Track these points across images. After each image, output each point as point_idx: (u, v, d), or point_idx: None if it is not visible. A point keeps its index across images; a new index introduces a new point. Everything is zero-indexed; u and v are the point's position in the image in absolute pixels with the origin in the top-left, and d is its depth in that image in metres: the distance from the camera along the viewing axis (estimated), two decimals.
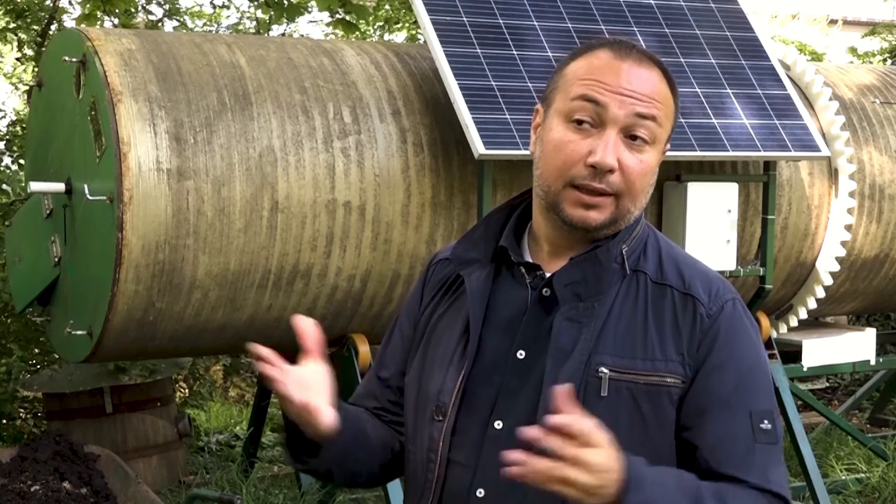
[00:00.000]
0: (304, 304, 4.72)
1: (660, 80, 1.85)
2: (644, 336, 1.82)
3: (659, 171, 1.95)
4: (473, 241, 1.96)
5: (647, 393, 1.80)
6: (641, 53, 1.86)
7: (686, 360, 1.81)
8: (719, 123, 5.09)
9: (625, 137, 1.81)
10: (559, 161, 1.82)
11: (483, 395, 1.84)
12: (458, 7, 4.95)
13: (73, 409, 6.04)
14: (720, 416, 1.80)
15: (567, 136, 1.81)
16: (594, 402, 1.78)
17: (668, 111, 1.86)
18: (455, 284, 1.96)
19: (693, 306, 1.84)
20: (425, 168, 4.80)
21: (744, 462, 1.80)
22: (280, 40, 5.33)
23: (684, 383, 1.81)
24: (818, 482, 5.59)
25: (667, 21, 5.38)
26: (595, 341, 1.81)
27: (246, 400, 8.47)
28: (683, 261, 1.92)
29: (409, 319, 2.03)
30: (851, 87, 6.27)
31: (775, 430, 1.83)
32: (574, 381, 1.77)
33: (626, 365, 1.80)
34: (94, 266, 4.47)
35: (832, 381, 8.92)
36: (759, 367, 1.86)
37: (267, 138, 4.54)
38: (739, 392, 1.82)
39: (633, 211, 1.84)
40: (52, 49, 5.12)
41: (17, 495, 4.61)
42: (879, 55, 11.60)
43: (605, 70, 1.82)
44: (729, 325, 1.84)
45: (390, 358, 2.05)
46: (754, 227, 5.55)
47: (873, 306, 6.82)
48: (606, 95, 1.80)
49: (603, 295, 1.84)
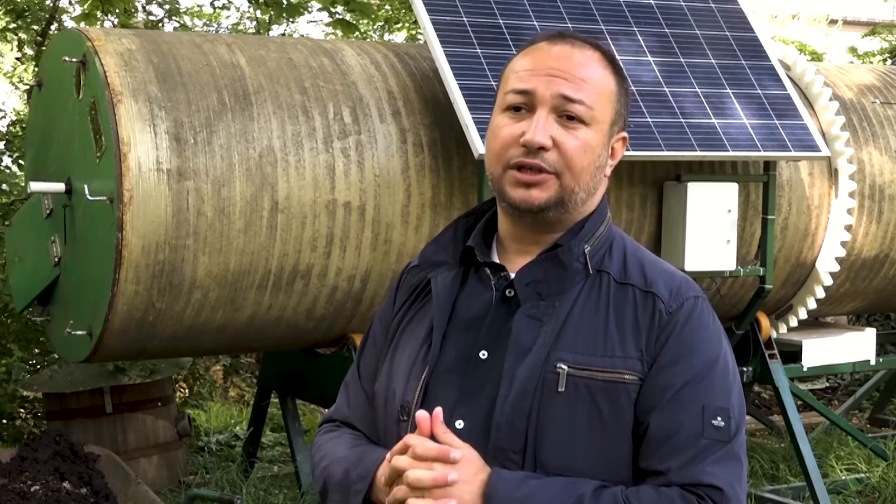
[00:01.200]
0: (304, 305, 4.72)
1: (595, 63, 1.86)
2: (605, 334, 1.82)
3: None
4: (442, 244, 1.98)
5: (605, 390, 1.79)
6: (578, 39, 1.89)
7: (644, 356, 1.81)
8: (719, 123, 5.09)
9: (559, 117, 1.82)
10: (496, 146, 1.85)
11: (445, 394, 1.84)
12: (458, 7, 4.95)
13: (73, 409, 6.04)
14: (669, 410, 1.79)
15: (502, 123, 1.85)
16: (551, 398, 1.78)
17: (604, 93, 1.86)
18: (424, 289, 1.97)
19: (653, 303, 1.84)
20: (425, 168, 4.80)
21: (679, 455, 1.77)
22: (280, 40, 5.33)
23: (642, 380, 1.80)
24: (818, 482, 5.59)
25: (667, 21, 5.38)
26: (555, 339, 1.81)
27: (246, 400, 8.47)
28: (648, 262, 1.92)
29: (382, 327, 2.03)
30: (851, 87, 6.27)
31: (729, 429, 1.80)
32: (531, 379, 1.79)
33: (584, 362, 1.80)
34: (94, 266, 4.47)
35: (832, 381, 8.92)
36: (718, 363, 1.84)
37: (267, 138, 4.54)
38: (692, 386, 1.80)
39: (577, 191, 1.84)
40: (52, 49, 5.12)
41: (18, 495, 4.61)
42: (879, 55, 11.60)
43: (536, 57, 1.86)
44: (686, 320, 1.83)
45: (366, 366, 2.04)
46: (754, 227, 5.55)
47: (873, 306, 6.82)
48: (534, 80, 1.83)
49: (564, 294, 1.85)
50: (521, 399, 1.78)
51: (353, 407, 2.04)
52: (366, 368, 2.04)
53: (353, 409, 2.04)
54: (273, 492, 5.74)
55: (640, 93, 5.01)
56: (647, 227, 5.26)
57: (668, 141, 4.88)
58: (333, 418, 2.08)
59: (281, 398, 5.81)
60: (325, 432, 2.06)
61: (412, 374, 1.88)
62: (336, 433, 2.03)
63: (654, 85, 5.09)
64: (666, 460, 1.78)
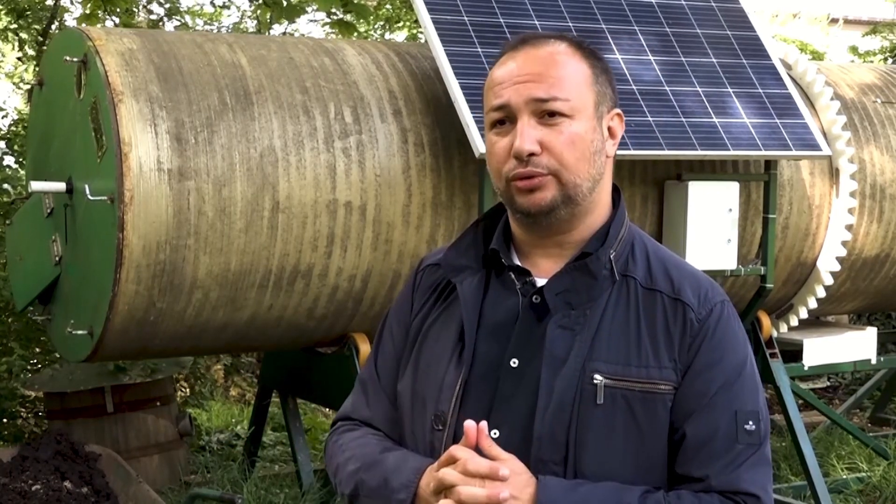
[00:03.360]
0: (305, 305, 4.72)
1: (560, 55, 1.87)
2: (637, 342, 1.83)
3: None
4: (462, 247, 1.98)
5: (642, 400, 1.81)
6: (539, 38, 1.90)
7: (678, 365, 1.83)
8: (720, 122, 5.09)
9: (540, 119, 1.84)
10: (494, 164, 1.88)
11: (479, 402, 1.85)
12: (458, 6, 4.95)
13: (74, 409, 6.04)
14: (703, 417, 1.82)
15: (493, 140, 1.88)
16: (590, 409, 1.80)
17: (578, 80, 1.86)
18: (446, 290, 1.97)
19: (683, 311, 1.86)
20: (426, 168, 4.80)
21: (717, 462, 1.81)
22: (281, 40, 5.33)
23: (676, 388, 1.83)
24: (819, 481, 5.59)
25: (668, 20, 5.38)
26: (589, 349, 1.82)
27: (247, 399, 8.47)
28: (672, 263, 1.93)
29: (401, 325, 2.02)
30: (853, 87, 6.27)
31: (759, 432, 1.84)
32: (569, 389, 1.80)
33: (620, 372, 1.81)
34: (95, 266, 4.47)
35: (833, 381, 8.92)
36: (746, 367, 1.87)
37: (268, 138, 4.54)
38: (725, 392, 1.83)
39: (579, 183, 1.84)
40: (53, 48, 5.12)
41: (18, 494, 4.61)
42: (880, 54, 11.59)
43: (504, 69, 1.88)
44: (717, 327, 1.86)
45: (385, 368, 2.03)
46: (755, 226, 5.55)
47: (874, 306, 6.82)
48: (505, 93, 1.85)
49: (594, 302, 1.85)
50: (560, 411, 1.80)
51: (374, 407, 2.02)
52: (385, 368, 2.03)
53: (373, 410, 2.02)
54: (274, 491, 5.75)
55: (641, 92, 5.00)
56: (649, 227, 5.26)
57: (669, 140, 4.88)
58: (351, 417, 2.06)
59: (282, 397, 5.81)
60: (345, 431, 2.04)
61: (445, 382, 1.88)
62: (358, 433, 2.01)
63: (655, 84, 5.09)
64: (703, 467, 1.81)
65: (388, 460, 1.90)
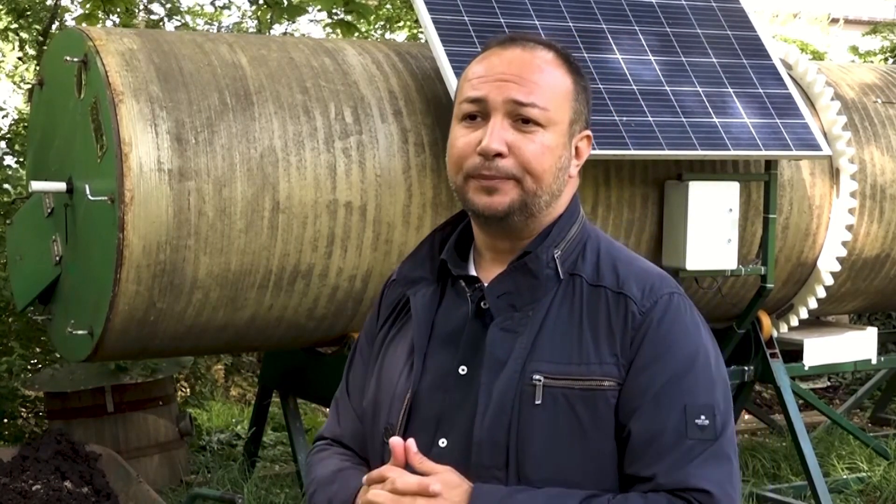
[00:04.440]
0: (305, 305, 4.72)
1: (547, 64, 1.83)
2: (579, 340, 1.78)
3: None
4: (418, 259, 1.95)
5: (583, 398, 1.75)
6: (530, 41, 1.85)
7: (620, 360, 1.77)
8: (720, 122, 5.09)
9: (514, 122, 1.79)
10: (455, 156, 1.84)
11: (428, 413, 1.82)
12: (458, 6, 4.95)
13: (74, 409, 6.04)
14: (649, 413, 1.75)
15: (459, 133, 1.84)
16: (529, 410, 1.75)
17: (559, 93, 1.82)
18: (404, 306, 1.94)
19: (625, 305, 1.79)
20: (426, 168, 4.80)
21: (664, 459, 1.74)
22: (281, 40, 5.33)
23: (619, 385, 1.77)
24: (819, 481, 5.59)
25: (668, 20, 5.38)
26: (530, 349, 1.78)
27: (247, 399, 8.47)
28: (623, 260, 1.87)
29: (369, 341, 2.00)
30: (853, 87, 6.27)
31: (714, 426, 1.76)
32: (509, 392, 1.75)
33: (561, 371, 1.76)
34: (95, 266, 4.47)
35: (833, 380, 8.91)
36: (699, 359, 1.79)
37: (268, 138, 4.54)
38: (672, 386, 1.76)
39: (539, 194, 1.80)
40: (53, 48, 5.12)
41: (19, 494, 4.61)
42: (880, 54, 11.59)
43: (487, 63, 1.84)
44: (661, 318, 1.79)
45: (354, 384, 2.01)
46: (755, 227, 5.55)
47: (874, 306, 6.82)
48: (485, 86, 1.81)
49: (538, 302, 1.81)
50: (499, 413, 1.75)
51: (343, 424, 2.01)
52: (354, 384, 2.01)
53: (343, 427, 2.01)
54: (274, 491, 5.75)
55: (642, 92, 5.00)
56: (649, 227, 5.26)
57: (669, 140, 4.88)
58: (324, 436, 2.05)
59: (282, 397, 5.81)
60: (316, 452, 2.03)
61: (396, 394, 1.85)
62: (326, 453, 1.99)
63: (655, 84, 5.09)
64: (651, 465, 1.74)
65: (335, 482, 1.89)
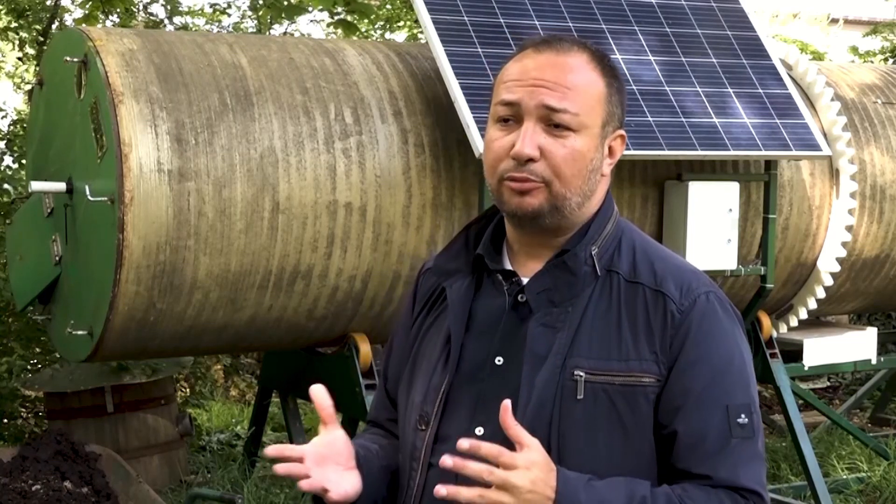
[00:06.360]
0: (305, 305, 4.72)
1: (581, 67, 1.85)
2: (619, 337, 1.83)
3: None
4: (454, 251, 1.99)
5: (623, 394, 1.80)
6: (564, 42, 1.88)
7: (660, 358, 1.82)
8: (720, 123, 5.09)
9: (546, 126, 1.83)
10: (490, 159, 1.87)
11: (464, 402, 1.87)
12: (458, 6, 4.95)
13: (74, 409, 6.04)
14: (694, 413, 1.81)
15: (494, 136, 1.87)
16: (571, 405, 1.80)
17: (592, 97, 1.85)
18: (440, 296, 1.99)
19: (664, 303, 1.84)
20: (426, 169, 4.80)
21: (715, 459, 1.80)
22: (281, 40, 5.33)
23: (659, 382, 1.81)
24: (819, 481, 5.59)
25: (668, 20, 5.38)
26: (570, 345, 1.82)
27: (247, 399, 8.47)
28: (658, 256, 1.91)
29: (405, 329, 2.06)
30: (853, 87, 6.27)
31: (752, 424, 1.82)
32: (550, 386, 1.80)
33: (601, 367, 1.81)
34: (95, 266, 4.47)
35: (833, 381, 8.92)
36: (735, 359, 1.85)
37: (268, 139, 4.54)
38: (714, 387, 1.82)
39: (569, 197, 1.84)
40: (53, 48, 5.12)
41: (19, 494, 4.61)
42: (880, 54, 11.59)
43: (522, 66, 1.86)
44: (701, 319, 1.84)
45: (392, 372, 2.09)
46: (755, 227, 5.55)
47: (874, 306, 6.83)
48: (519, 90, 1.84)
49: (576, 298, 1.85)
50: (540, 407, 1.80)
51: (378, 408, 2.13)
52: (392, 370, 2.09)
53: (378, 411, 2.13)
54: (274, 491, 5.75)
55: (642, 92, 5.00)
56: (649, 227, 5.26)
57: (669, 140, 4.88)
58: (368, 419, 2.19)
59: (282, 397, 5.81)
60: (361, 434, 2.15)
61: (431, 383, 1.90)
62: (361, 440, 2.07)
63: (655, 84, 5.09)
64: (701, 465, 1.80)
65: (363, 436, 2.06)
